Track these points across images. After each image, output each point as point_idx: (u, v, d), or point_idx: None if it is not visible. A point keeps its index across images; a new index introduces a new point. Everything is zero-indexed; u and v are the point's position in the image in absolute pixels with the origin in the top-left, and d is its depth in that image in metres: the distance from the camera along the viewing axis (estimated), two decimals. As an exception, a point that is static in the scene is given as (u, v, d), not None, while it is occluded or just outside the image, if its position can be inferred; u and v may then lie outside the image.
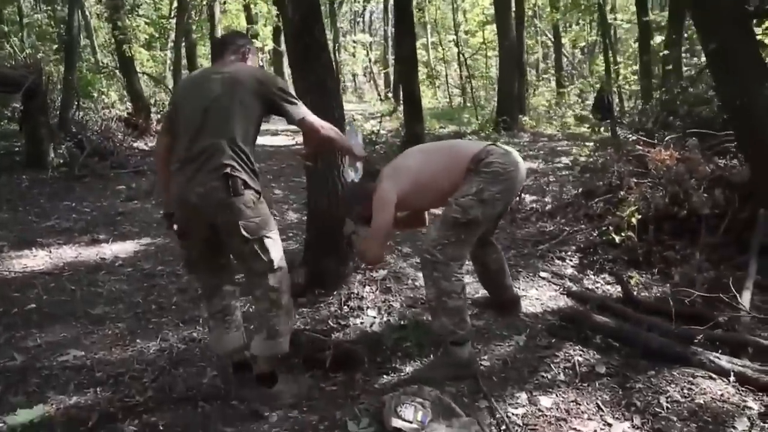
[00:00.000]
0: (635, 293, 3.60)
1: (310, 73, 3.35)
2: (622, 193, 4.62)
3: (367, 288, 3.50)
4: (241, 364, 2.56)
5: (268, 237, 2.29)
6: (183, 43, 13.64)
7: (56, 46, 11.45)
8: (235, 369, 2.58)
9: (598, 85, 18.52)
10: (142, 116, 9.96)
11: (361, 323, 3.14)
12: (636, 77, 13.62)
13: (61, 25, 11.13)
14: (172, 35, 15.04)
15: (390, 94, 20.88)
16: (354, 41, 30.84)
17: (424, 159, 2.77)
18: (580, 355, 2.81)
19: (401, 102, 16.12)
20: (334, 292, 3.45)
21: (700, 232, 4.03)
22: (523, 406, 2.38)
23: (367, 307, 3.31)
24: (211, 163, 2.19)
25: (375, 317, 3.20)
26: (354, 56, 30.73)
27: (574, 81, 20.02)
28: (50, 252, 4.40)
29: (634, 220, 4.12)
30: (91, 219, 5.33)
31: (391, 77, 22.16)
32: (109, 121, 9.13)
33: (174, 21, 14.20)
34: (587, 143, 10.52)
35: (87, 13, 15.50)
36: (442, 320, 2.58)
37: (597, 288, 3.81)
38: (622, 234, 4.15)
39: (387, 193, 2.65)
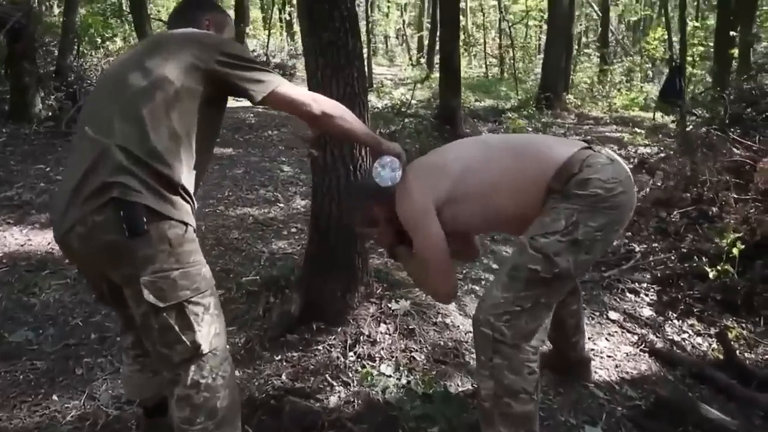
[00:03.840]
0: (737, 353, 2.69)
1: (324, 28, 2.39)
2: (714, 209, 3.63)
3: (383, 326, 2.60)
4: (152, 409, 1.84)
5: (193, 303, 1.40)
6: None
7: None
8: (146, 414, 1.86)
9: (648, 65, 17.31)
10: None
11: (371, 387, 2.25)
12: (696, 60, 12.35)
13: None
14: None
15: (422, 60, 19.66)
16: (388, 0, 29.42)
17: (476, 160, 1.80)
18: (687, 474, 1.90)
19: (435, 69, 15.09)
20: (338, 329, 2.56)
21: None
22: None
23: (381, 358, 2.42)
24: (91, 183, 1.32)
25: (390, 377, 2.32)
26: (387, 16, 29.35)
27: (616, 58, 18.59)
28: (-6, 235, 3.56)
29: (735, 250, 3.15)
30: (60, 190, 4.48)
31: (425, 41, 20.90)
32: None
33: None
34: (637, 129, 9.49)
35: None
36: (498, 431, 1.68)
37: (684, 340, 2.88)
38: (718, 267, 3.18)
39: (416, 201, 1.77)
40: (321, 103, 1.60)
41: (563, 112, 10.95)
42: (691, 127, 5.64)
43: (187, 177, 1.42)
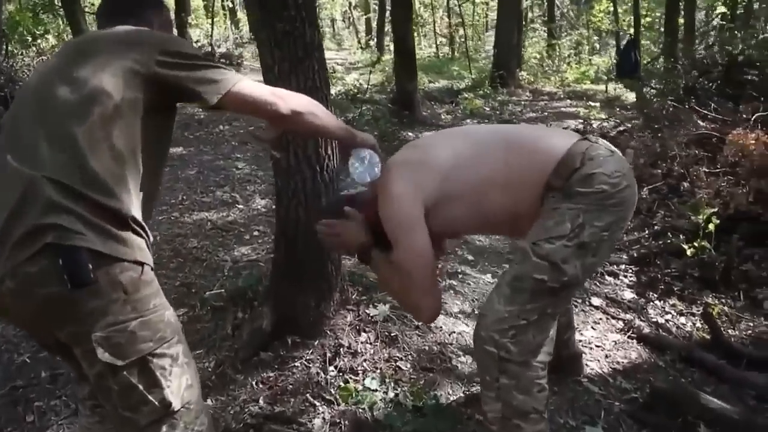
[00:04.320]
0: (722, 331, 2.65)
1: (278, 18, 2.18)
2: (685, 184, 3.59)
3: (363, 335, 2.44)
4: None
5: (157, 355, 1.20)
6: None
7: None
8: None
9: (595, 38, 17.49)
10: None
11: (357, 404, 2.10)
12: (642, 30, 12.47)
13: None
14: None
15: (372, 42, 19.35)
16: (332, -18, 28.90)
17: (465, 156, 1.61)
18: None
19: (385, 51, 14.85)
20: (315, 342, 2.39)
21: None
22: None
23: (364, 371, 2.26)
24: (19, 227, 1.09)
25: (377, 391, 2.16)
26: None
27: (563, 32, 18.70)
28: None
29: (711, 226, 3.11)
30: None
31: (373, 23, 20.60)
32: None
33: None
34: (591, 103, 9.54)
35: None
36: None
37: (668, 321, 2.83)
38: (695, 244, 3.14)
39: (404, 203, 1.56)
40: (287, 100, 1.38)
41: (517, 89, 10.92)
42: (656, 102, 5.58)
43: (137, 206, 1.21)
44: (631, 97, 9.18)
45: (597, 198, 1.49)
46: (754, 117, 3.51)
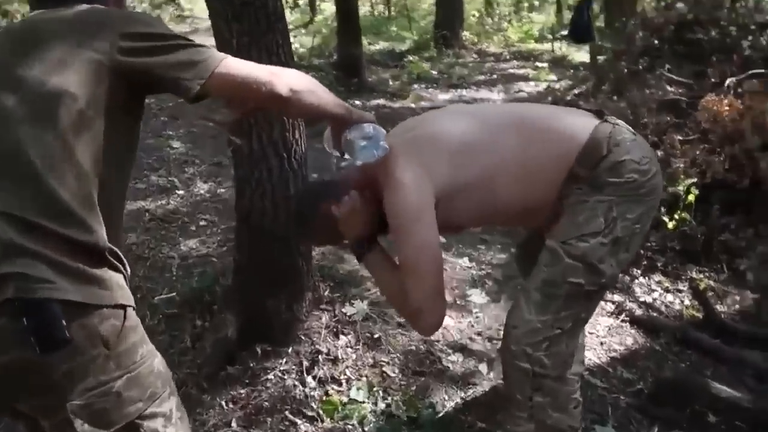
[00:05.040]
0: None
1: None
2: (659, 153, 3.46)
3: (342, 339, 2.18)
4: None
5: (149, 416, 0.98)
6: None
7: None
8: None
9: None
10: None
11: (345, 419, 1.85)
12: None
13: None
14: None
15: (300, 2, 18.52)
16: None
17: (477, 140, 1.40)
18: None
19: (317, 11, 14.21)
20: (288, 350, 2.11)
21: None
22: None
23: (348, 380, 2.02)
24: None
25: (364, 402, 1.92)
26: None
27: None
28: None
29: (691, 197, 3.00)
30: None
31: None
32: None
33: None
34: (538, 64, 9.41)
35: None
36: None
37: (656, 300, 2.73)
38: (676, 216, 3.03)
39: (411, 189, 1.31)
40: (283, 77, 1.10)
41: (462, 50, 10.65)
42: (622, 64, 5.41)
43: (108, 232, 0.97)
44: (578, 56, 9.13)
45: (628, 188, 1.36)
46: (727, 82, 3.40)
